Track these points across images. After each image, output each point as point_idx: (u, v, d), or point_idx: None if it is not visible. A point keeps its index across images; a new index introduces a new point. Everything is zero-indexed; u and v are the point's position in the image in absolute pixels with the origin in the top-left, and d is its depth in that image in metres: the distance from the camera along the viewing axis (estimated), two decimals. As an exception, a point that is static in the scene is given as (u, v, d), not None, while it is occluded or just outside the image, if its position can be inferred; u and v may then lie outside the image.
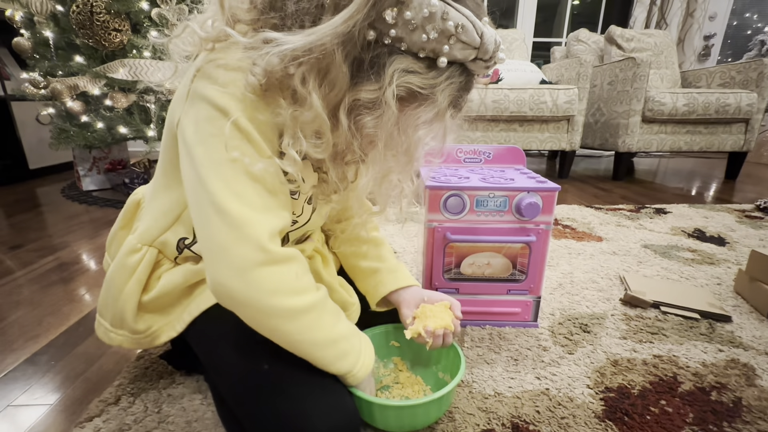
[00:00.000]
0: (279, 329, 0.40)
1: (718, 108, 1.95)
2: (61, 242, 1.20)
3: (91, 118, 1.53)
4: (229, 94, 0.36)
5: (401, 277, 0.59)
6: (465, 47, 0.34)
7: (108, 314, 0.50)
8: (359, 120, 0.36)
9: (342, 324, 0.45)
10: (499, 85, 1.96)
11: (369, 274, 0.60)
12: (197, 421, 0.51)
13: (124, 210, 0.54)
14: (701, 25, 2.90)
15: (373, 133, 0.37)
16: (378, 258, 0.60)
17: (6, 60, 2.11)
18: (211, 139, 0.37)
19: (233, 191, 0.37)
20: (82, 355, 0.66)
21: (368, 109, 0.35)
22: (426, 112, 0.37)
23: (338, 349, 0.43)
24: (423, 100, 0.36)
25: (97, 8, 1.33)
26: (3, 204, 1.66)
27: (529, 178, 0.71)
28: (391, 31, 0.32)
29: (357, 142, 0.38)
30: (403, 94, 0.35)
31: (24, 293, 0.88)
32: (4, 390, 0.58)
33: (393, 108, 0.35)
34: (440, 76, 0.35)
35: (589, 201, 1.70)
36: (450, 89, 0.36)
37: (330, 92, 0.35)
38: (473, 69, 0.37)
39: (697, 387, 0.58)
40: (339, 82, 0.34)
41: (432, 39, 0.33)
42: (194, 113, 0.38)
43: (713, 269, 0.98)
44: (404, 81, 0.34)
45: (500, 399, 0.55)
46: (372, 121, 0.36)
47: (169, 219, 0.48)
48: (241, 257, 0.37)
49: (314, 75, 0.34)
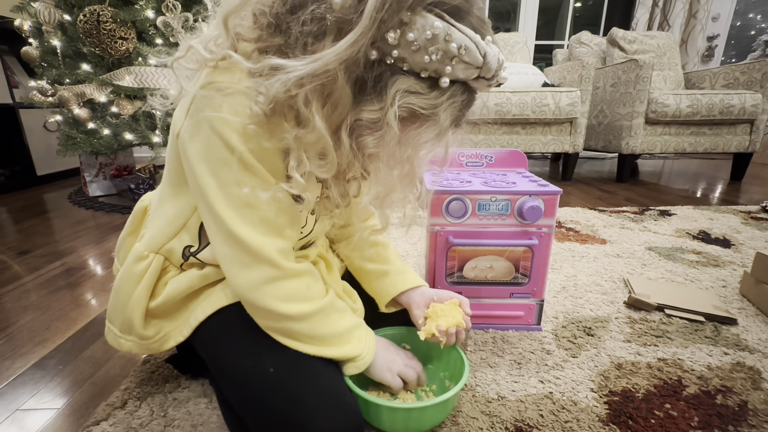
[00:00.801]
0: (290, 330, 0.44)
1: (722, 109, 1.94)
2: (68, 247, 1.21)
3: (97, 124, 1.55)
4: (232, 127, 0.37)
5: (409, 279, 0.60)
6: (468, 67, 0.34)
7: (117, 320, 0.51)
8: (361, 140, 0.37)
9: (348, 317, 0.50)
10: (501, 88, 1.96)
11: (377, 277, 0.61)
12: (203, 424, 0.51)
13: (131, 216, 0.55)
14: (704, 26, 2.89)
15: (375, 152, 0.37)
16: (385, 260, 0.61)
17: (15, 68, 2.14)
18: (218, 167, 0.39)
19: (243, 219, 0.40)
20: (89, 359, 0.67)
21: (370, 129, 0.36)
22: (428, 132, 0.37)
23: (345, 338, 0.47)
24: (425, 120, 0.36)
25: (103, 17, 1.35)
26: (11, 210, 1.68)
27: (531, 181, 0.71)
28: (393, 51, 0.32)
29: (359, 161, 0.38)
30: (404, 114, 0.35)
31: (32, 298, 0.89)
32: (12, 394, 0.59)
33: (395, 128, 0.35)
34: (442, 96, 0.35)
35: (592, 203, 1.70)
36: (452, 108, 0.36)
37: (333, 113, 0.35)
38: (476, 87, 0.37)
39: (702, 390, 0.57)
40: (342, 102, 0.34)
41: (435, 60, 0.33)
42: (199, 138, 0.39)
43: (718, 271, 0.98)
44: (406, 102, 0.34)
45: (504, 403, 0.55)
46: (373, 141, 0.36)
47: (174, 227, 0.48)
48: (256, 275, 0.42)
49: (317, 96, 0.34)
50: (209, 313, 0.48)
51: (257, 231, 0.41)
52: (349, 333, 0.48)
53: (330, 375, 0.46)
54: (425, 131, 0.37)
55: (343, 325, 0.48)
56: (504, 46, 2.48)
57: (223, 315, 0.48)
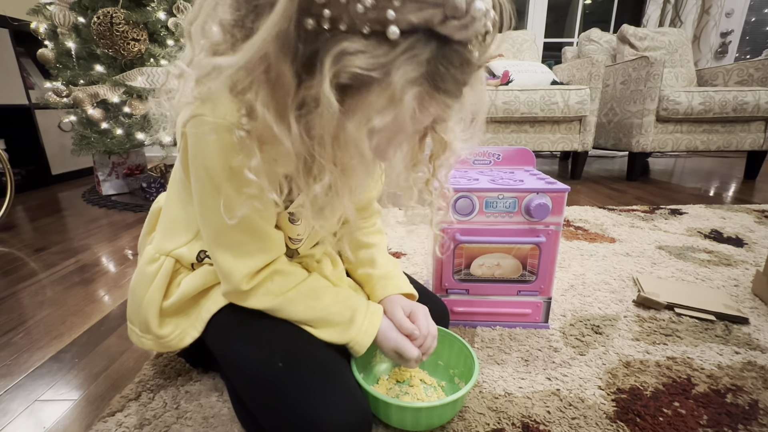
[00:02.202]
0: (290, 314, 0.48)
1: (735, 106, 1.91)
2: (82, 245, 1.24)
3: (110, 124, 1.59)
4: (218, 169, 0.39)
5: (387, 285, 0.57)
6: (421, 6, 0.27)
7: (136, 321, 0.52)
8: (307, 122, 0.31)
9: (340, 290, 0.53)
10: (510, 86, 1.95)
11: (364, 282, 0.59)
12: (214, 417, 0.52)
13: (148, 216, 0.58)
14: (717, 22, 2.84)
15: (319, 134, 0.32)
16: (371, 263, 0.59)
17: (31, 70, 2.19)
18: (203, 195, 0.43)
19: (218, 243, 0.45)
20: (104, 352, 0.68)
21: (314, 108, 0.30)
22: (378, 100, 0.30)
23: (348, 304, 0.50)
24: (376, 84, 0.29)
25: (116, 19, 1.38)
26: (27, 208, 1.72)
27: (538, 179, 0.71)
28: (324, 11, 0.27)
29: (313, 148, 0.33)
30: (347, 81, 0.29)
31: (48, 294, 0.92)
32: (31, 386, 0.61)
33: (332, 100, 0.29)
34: (394, 50, 0.28)
35: (602, 202, 1.68)
36: (412, 64, 0.28)
37: (276, 97, 0.31)
38: (449, 33, 0.28)
39: (712, 389, 0.57)
40: (284, 85, 0.30)
41: (370, 6, 0.26)
42: (192, 166, 0.42)
43: (730, 270, 0.96)
44: (345, 66, 0.28)
45: (510, 399, 0.55)
46: (317, 121, 0.31)
47: (186, 237, 0.51)
48: (230, 288, 0.47)
49: (264, 86, 0.31)
50: (219, 307, 0.49)
51: (229, 255, 0.45)
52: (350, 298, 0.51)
53: (339, 370, 0.46)
54: (375, 99, 0.30)
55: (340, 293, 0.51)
56: (512, 44, 2.47)
57: (233, 310, 0.49)
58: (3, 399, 0.58)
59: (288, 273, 0.49)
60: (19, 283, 0.98)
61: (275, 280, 0.47)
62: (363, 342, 0.49)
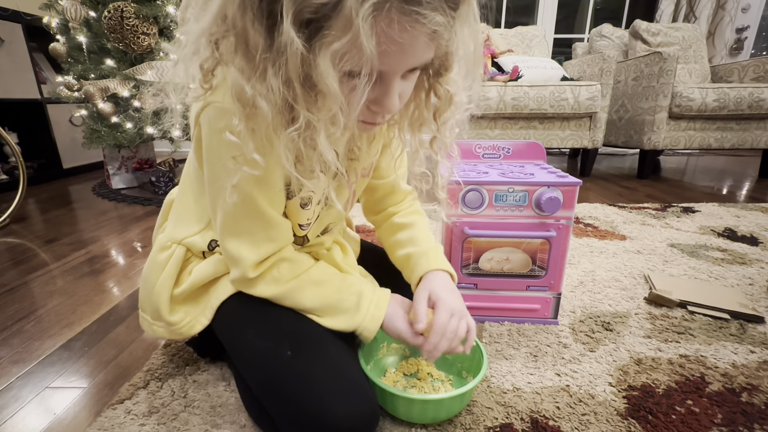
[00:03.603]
0: (297, 301, 0.48)
1: (751, 103, 1.87)
2: (91, 237, 1.25)
3: (120, 119, 1.60)
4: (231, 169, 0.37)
5: (419, 263, 0.55)
6: None
7: (148, 308, 0.53)
8: (283, 69, 0.31)
9: (347, 276, 0.52)
10: (519, 82, 1.93)
11: (403, 263, 0.58)
12: (221, 406, 0.52)
13: (162, 209, 0.58)
14: (733, 17, 2.78)
15: (292, 77, 0.31)
16: (410, 242, 0.58)
17: (42, 65, 2.22)
18: (214, 181, 0.43)
19: (228, 230, 0.45)
20: (113, 341, 0.69)
21: (284, 56, 0.30)
22: (336, 24, 0.28)
23: (354, 289, 0.50)
24: (335, 11, 0.28)
25: (127, 13, 1.39)
26: (39, 201, 1.74)
27: (549, 173, 0.70)
28: None
29: (291, 93, 0.32)
30: (307, 16, 0.28)
31: (58, 284, 0.93)
32: (42, 373, 0.61)
33: (294, 40, 0.28)
34: None
35: (612, 199, 1.66)
36: None
37: (248, 55, 0.31)
38: None
39: (727, 388, 0.56)
40: (252, 39, 0.30)
41: None
42: (205, 152, 0.42)
43: (745, 269, 0.94)
44: (300, 2, 0.27)
45: (519, 394, 0.55)
46: (289, 64, 0.30)
47: (198, 226, 0.51)
48: (238, 275, 0.47)
49: (237, 47, 0.31)
50: (228, 295, 0.49)
51: (237, 242, 0.45)
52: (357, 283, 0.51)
53: (347, 360, 0.46)
54: (333, 27, 0.28)
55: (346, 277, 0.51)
56: (522, 39, 2.44)
57: (242, 299, 0.49)
58: (15, 385, 0.59)
59: (295, 261, 0.49)
60: (31, 273, 0.99)
61: (282, 268, 0.47)
62: (371, 327, 0.48)
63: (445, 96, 0.41)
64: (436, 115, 0.43)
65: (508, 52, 2.19)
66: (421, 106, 0.42)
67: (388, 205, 0.63)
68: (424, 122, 0.43)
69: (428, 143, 0.46)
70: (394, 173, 0.60)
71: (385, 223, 0.63)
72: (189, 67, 0.35)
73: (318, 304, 0.48)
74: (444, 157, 0.46)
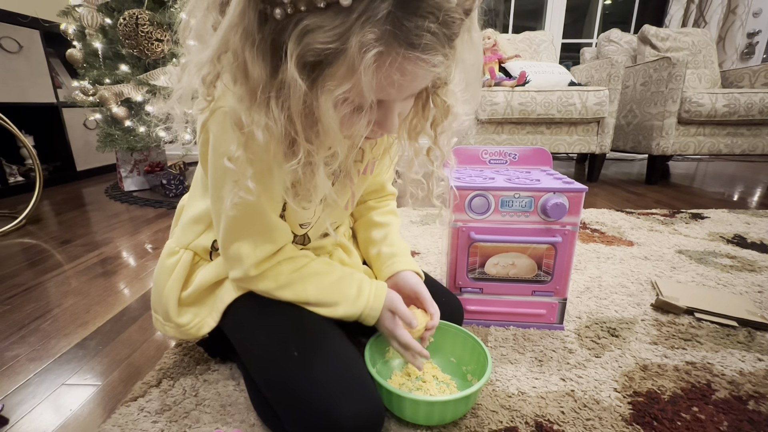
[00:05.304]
0: (299, 293, 0.49)
1: (762, 108, 1.85)
2: (104, 238, 1.28)
3: (133, 123, 1.63)
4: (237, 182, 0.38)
5: (394, 263, 0.59)
6: None
7: (159, 310, 0.55)
8: (287, 105, 0.32)
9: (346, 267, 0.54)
10: (526, 87, 1.93)
11: (373, 261, 0.63)
12: (231, 405, 0.54)
13: (175, 215, 0.60)
14: (744, 22, 2.75)
15: (294, 113, 0.32)
16: (382, 241, 0.63)
17: (59, 70, 2.27)
18: (216, 184, 0.44)
19: (228, 232, 0.46)
20: (126, 341, 0.71)
21: (287, 92, 0.31)
22: (339, 68, 0.29)
23: (353, 277, 0.52)
24: (339, 55, 0.29)
25: (141, 20, 1.42)
26: (54, 203, 1.78)
27: (555, 179, 0.70)
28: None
29: (292, 128, 0.33)
30: (313, 59, 0.29)
31: (73, 284, 0.95)
32: (58, 370, 0.63)
33: (297, 80, 0.29)
34: (350, 17, 0.27)
35: (620, 205, 1.65)
36: (368, 26, 0.27)
37: (248, 85, 0.32)
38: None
39: (733, 395, 0.55)
40: (253, 73, 0.31)
41: None
42: (211, 157, 0.43)
43: (754, 276, 0.93)
44: (306, 44, 0.28)
45: (524, 398, 0.55)
46: (292, 101, 0.31)
47: (201, 226, 0.53)
48: (238, 274, 0.48)
49: (237, 75, 0.32)
50: (235, 297, 0.51)
51: (237, 244, 0.46)
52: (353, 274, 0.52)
53: (353, 362, 0.47)
54: (337, 70, 0.29)
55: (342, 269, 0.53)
56: (530, 44, 2.44)
57: (249, 299, 0.50)
58: (32, 382, 0.61)
59: (295, 256, 0.51)
60: (46, 273, 1.02)
61: (283, 263, 0.49)
62: (375, 306, 0.50)
63: (443, 107, 0.43)
64: (434, 125, 0.44)
65: (515, 57, 2.19)
66: (419, 115, 0.44)
67: (370, 198, 0.67)
68: (421, 131, 0.45)
69: (425, 151, 0.47)
70: (387, 173, 0.64)
71: (362, 217, 0.67)
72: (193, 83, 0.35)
73: (321, 294, 0.50)
74: (440, 166, 0.47)
